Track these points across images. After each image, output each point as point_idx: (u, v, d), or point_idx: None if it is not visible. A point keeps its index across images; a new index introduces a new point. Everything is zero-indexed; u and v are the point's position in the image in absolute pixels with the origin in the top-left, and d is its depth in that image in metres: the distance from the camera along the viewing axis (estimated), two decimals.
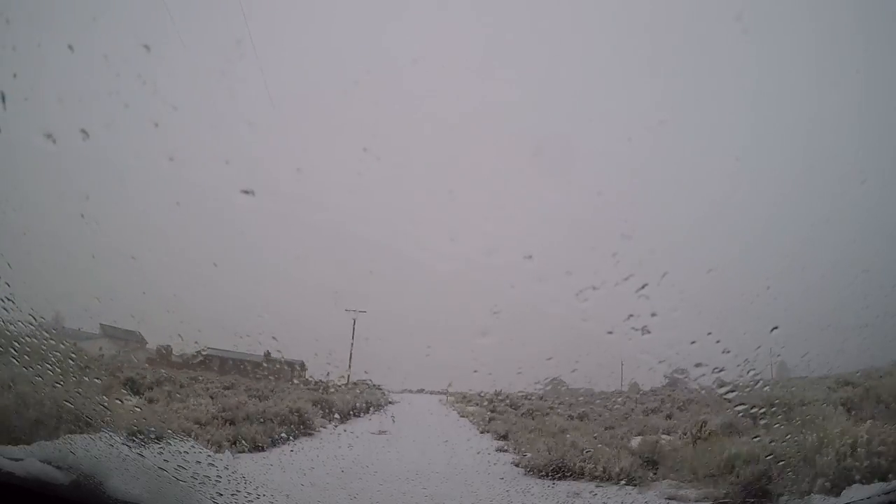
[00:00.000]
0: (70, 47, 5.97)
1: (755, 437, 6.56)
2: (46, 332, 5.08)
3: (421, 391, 28.56)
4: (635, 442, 9.28)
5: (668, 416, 13.50)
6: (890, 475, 4.79)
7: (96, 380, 6.87)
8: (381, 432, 12.71)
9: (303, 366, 19.23)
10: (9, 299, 4.52)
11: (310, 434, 11.15)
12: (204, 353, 15.42)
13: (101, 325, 15.01)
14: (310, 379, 19.71)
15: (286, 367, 18.62)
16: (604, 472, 7.27)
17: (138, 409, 9.17)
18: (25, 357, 4.75)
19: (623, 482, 6.97)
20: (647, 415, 14.71)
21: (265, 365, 17.73)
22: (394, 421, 14.61)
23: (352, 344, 18.42)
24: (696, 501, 6.03)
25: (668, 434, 10.22)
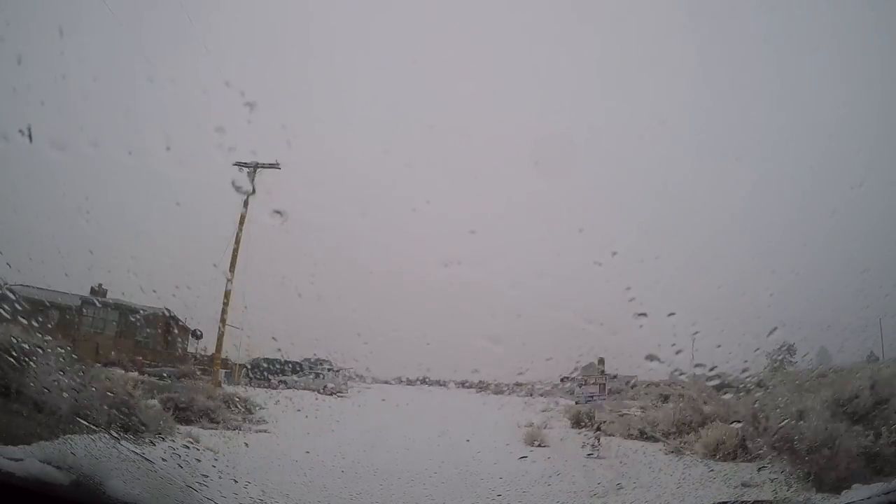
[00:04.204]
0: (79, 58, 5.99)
1: None
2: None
3: (424, 382, 14.62)
4: None
5: None
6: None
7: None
8: None
9: (169, 318, 9.95)
10: (17, 305, 4.47)
11: None
12: None
13: None
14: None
15: (135, 321, 10.26)
16: None
17: None
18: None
19: None
20: None
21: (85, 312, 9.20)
22: None
23: (235, 254, 10.07)
24: None
25: None
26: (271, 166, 11.38)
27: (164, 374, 10.80)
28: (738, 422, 7.48)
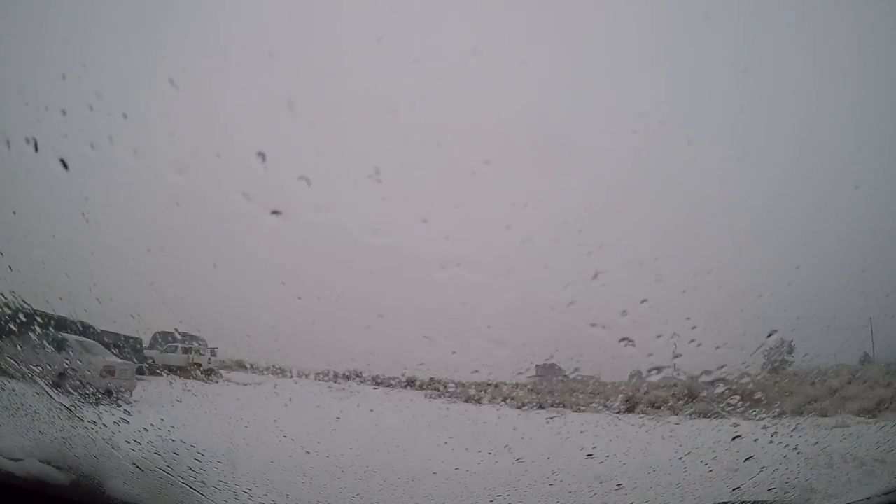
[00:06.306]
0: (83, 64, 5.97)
1: None
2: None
3: (410, 384, 10.35)
4: None
5: None
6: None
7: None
8: None
9: None
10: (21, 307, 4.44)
11: None
12: None
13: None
14: None
15: None
16: None
17: None
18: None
19: None
20: None
21: None
22: None
23: None
24: None
25: None
26: None
27: None
28: None
